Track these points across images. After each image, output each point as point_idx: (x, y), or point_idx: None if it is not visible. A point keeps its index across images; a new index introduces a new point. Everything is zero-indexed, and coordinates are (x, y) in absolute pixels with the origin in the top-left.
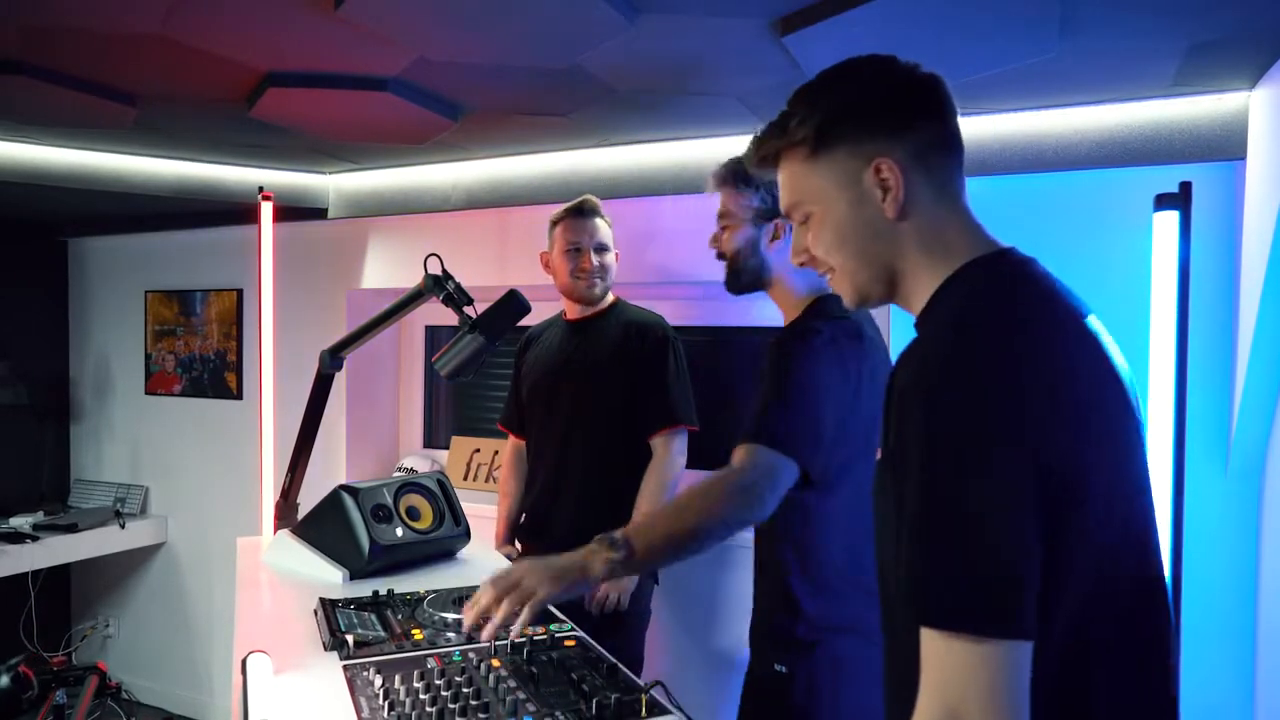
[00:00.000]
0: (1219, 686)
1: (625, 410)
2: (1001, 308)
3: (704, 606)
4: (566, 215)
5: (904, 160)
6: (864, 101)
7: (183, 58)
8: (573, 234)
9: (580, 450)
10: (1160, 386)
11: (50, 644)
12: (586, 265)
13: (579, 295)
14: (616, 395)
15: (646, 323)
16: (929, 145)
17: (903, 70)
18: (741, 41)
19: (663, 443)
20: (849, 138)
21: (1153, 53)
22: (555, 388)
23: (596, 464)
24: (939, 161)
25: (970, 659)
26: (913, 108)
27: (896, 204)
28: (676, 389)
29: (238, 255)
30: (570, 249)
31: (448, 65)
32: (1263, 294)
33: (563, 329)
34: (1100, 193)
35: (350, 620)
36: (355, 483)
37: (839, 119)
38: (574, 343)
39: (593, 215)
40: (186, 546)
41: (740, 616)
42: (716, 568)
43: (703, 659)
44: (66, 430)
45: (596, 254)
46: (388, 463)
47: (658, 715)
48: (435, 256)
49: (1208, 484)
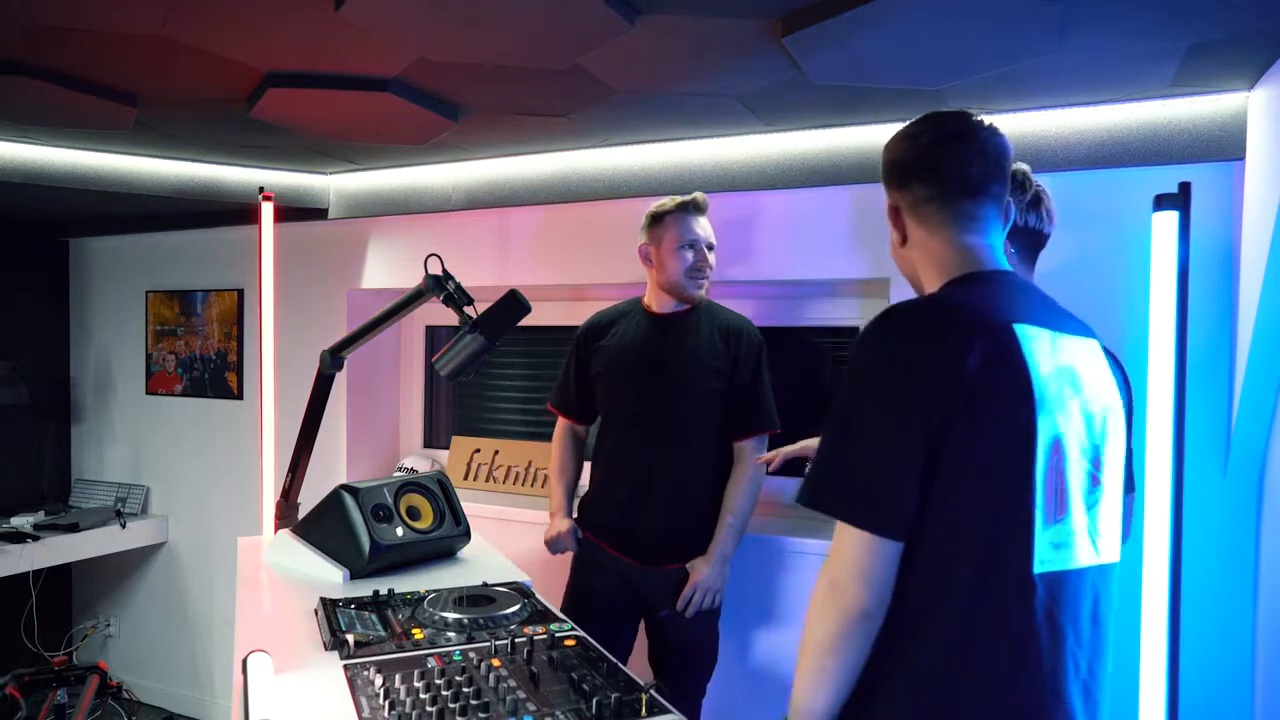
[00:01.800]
0: (1218, 686)
1: (718, 413)
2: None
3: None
4: (680, 210)
5: (904, 207)
6: (887, 164)
7: (183, 58)
8: (689, 230)
9: (670, 449)
10: (1160, 386)
11: (51, 643)
12: (702, 264)
13: (687, 294)
14: (713, 398)
15: (741, 328)
16: (923, 199)
17: (911, 142)
18: (741, 42)
19: (750, 448)
20: (887, 185)
21: (1152, 53)
22: (643, 382)
23: (686, 464)
24: (930, 210)
25: (852, 543)
26: (909, 174)
27: (899, 235)
28: (767, 396)
29: (238, 255)
30: (685, 245)
31: (448, 65)
32: (1262, 294)
33: (645, 321)
34: (1100, 193)
35: (351, 620)
36: (356, 482)
37: (883, 170)
38: (664, 337)
39: (704, 212)
40: (187, 546)
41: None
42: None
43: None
44: (67, 430)
45: (710, 252)
46: (388, 462)
47: (658, 714)
48: (435, 256)
49: (1207, 484)
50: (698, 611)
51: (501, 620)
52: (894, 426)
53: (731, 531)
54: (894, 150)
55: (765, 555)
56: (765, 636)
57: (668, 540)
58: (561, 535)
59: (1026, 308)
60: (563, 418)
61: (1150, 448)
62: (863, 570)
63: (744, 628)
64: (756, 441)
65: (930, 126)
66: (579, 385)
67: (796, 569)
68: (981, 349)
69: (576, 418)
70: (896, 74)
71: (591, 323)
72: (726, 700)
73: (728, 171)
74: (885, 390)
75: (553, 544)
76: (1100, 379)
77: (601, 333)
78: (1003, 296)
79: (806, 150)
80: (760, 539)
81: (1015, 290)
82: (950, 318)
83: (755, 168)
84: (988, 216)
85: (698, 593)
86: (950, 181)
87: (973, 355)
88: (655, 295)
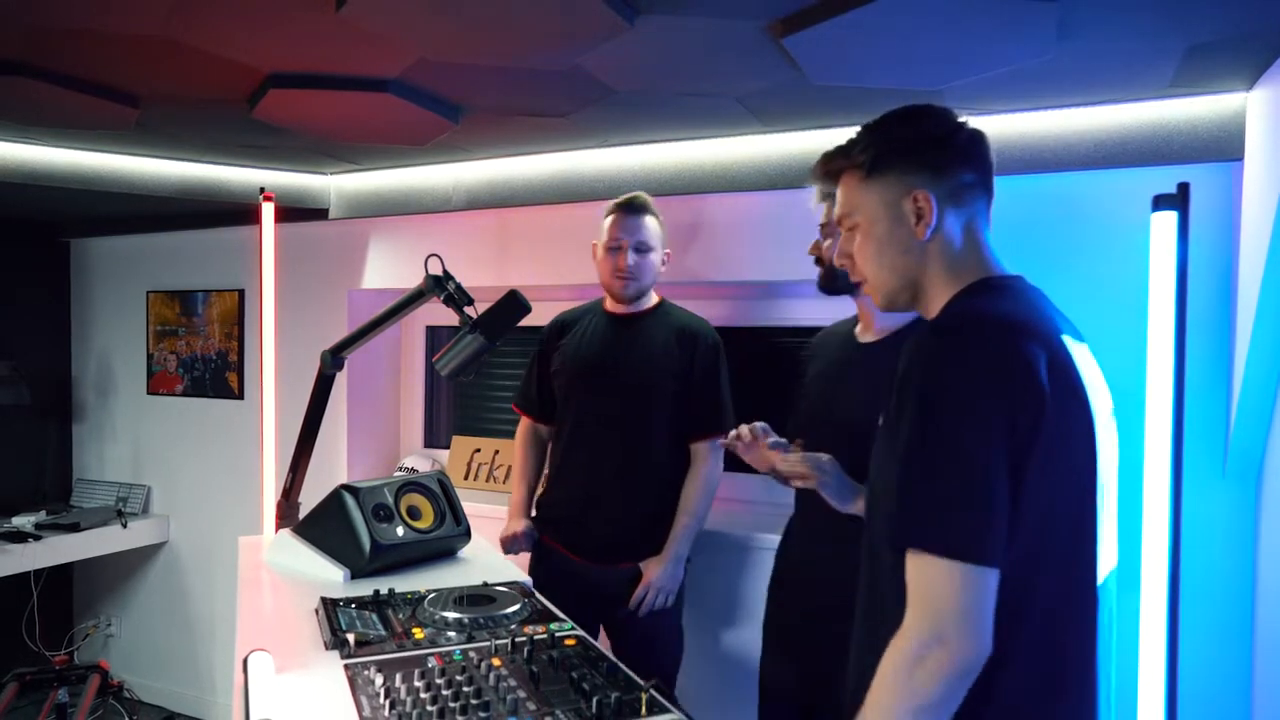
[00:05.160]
0: (1217, 687)
1: (673, 414)
2: (995, 310)
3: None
4: (615, 210)
5: (939, 194)
6: (916, 143)
7: (185, 59)
8: (616, 230)
9: (623, 449)
10: (1158, 387)
11: (52, 643)
12: (621, 264)
13: (614, 293)
14: (666, 399)
15: (698, 329)
16: (962, 186)
17: (953, 124)
18: (741, 42)
19: (706, 449)
20: (897, 169)
21: (1151, 54)
22: (600, 383)
23: (639, 464)
24: (968, 200)
25: (952, 582)
26: (953, 156)
27: (926, 228)
28: (724, 397)
29: (239, 255)
30: (612, 245)
31: (448, 66)
32: (1260, 294)
33: (604, 321)
34: (1098, 193)
35: (351, 619)
36: (356, 482)
37: (892, 152)
38: (621, 338)
39: (640, 213)
40: (188, 546)
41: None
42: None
43: (718, 659)
44: (69, 430)
45: (635, 253)
46: (388, 462)
47: (658, 714)
48: (436, 257)
49: (1205, 485)
50: (651, 611)
51: (502, 620)
52: (981, 443)
53: (687, 533)
54: (932, 127)
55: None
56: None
57: (620, 539)
58: (517, 536)
59: (1056, 316)
60: (525, 417)
61: (1149, 448)
62: (969, 610)
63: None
64: (712, 443)
65: (945, 113)
66: (540, 384)
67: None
68: (1046, 359)
69: (538, 417)
70: (896, 75)
71: (555, 322)
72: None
73: (728, 171)
74: (968, 407)
75: (507, 544)
76: (1101, 385)
77: (563, 331)
78: (1039, 306)
79: (806, 150)
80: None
81: (1041, 298)
82: (1018, 329)
83: (755, 168)
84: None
85: (650, 592)
86: (990, 171)
87: (1042, 366)
88: (608, 295)
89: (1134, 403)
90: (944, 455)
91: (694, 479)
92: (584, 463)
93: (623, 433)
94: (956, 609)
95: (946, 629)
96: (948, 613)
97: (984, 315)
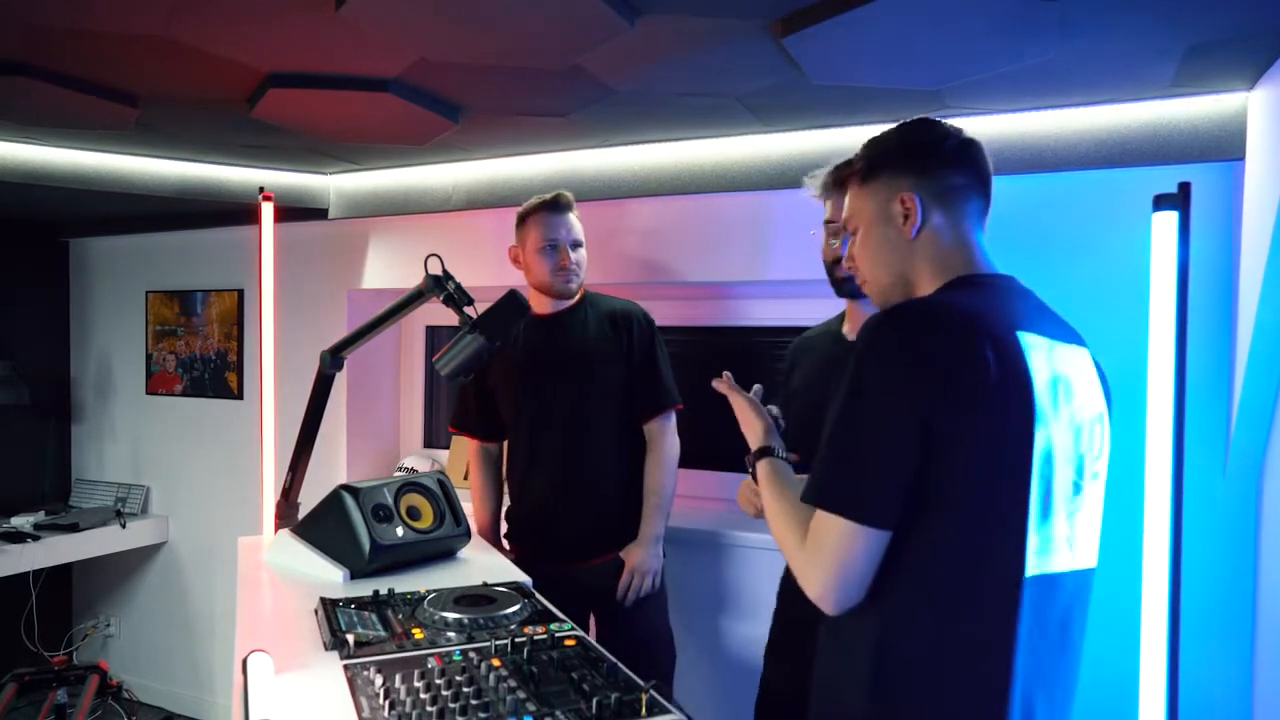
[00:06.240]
0: (1217, 686)
1: (622, 399)
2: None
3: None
4: (541, 210)
5: (924, 196)
6: (904, 149)
7: (184, 59)
8: (550, 230)
9: (580, 444)
10: (1159, 387)
11: (51, 643)
12: (565, 261)
13: (557, 291)
14: (614, 385)
15: (629, 310)
16: (949, 189)
17: (943, 132)
18: (741, 42)
19: (659, 426)
20: (887, 173)
21: (1152, 54)
22: (540, 385)
23: (598, 456)
24: (957, 202)
25: (840, 534)
26: (940, 160)
27: (912, 226)
28: (666, 373)
29: (238, 255)
30: (547, 245)
31: (448, 66)
32: (1261, 294)
33: (532, 325)
34: (1099, 193)
35: (351, 620)
36: (356, 482)
37: (883, 159)
38: (554, 337)
39: (568, 210)
40: (187, 546)
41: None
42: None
43: (711, 657)
44: (68, 430)
45: (573, 250)
46: (388, 462)
47: (658, 714)
48: (436, 257)
49: (1206, 484)
50: (638, 598)
51: (501, 620)
52: (885, 418)
53: (658, 512)
54: (920, 135)
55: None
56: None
57: (595, 534)
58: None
59: (1027, 315)
60: (470, 439)
61: (1150, 448)
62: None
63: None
64: (665, 419)
65: (937, 124)
66: (479, 401)
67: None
68: (988, 353)
69: (484, 437)
70: (896, 74)
71: None
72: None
73: (728, 171)
74: (886, 380)
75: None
76: (1091, 388)
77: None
78: (1006, 301)
79: (806, 150)
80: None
81: (1016, 296)
82: (959, 317)
83: (755, 168)
84: (984, 224)
85: (635, 577)
86: (982, 176)
87: (978, 358)
88: (534, 298)
89: (1135, 402)
90: (853, 425)
91: (654, 458)
92: (544, 468)
93: (577, 430)
94: (835, 560)
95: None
96: (828, 563)
97: (929, 305)
